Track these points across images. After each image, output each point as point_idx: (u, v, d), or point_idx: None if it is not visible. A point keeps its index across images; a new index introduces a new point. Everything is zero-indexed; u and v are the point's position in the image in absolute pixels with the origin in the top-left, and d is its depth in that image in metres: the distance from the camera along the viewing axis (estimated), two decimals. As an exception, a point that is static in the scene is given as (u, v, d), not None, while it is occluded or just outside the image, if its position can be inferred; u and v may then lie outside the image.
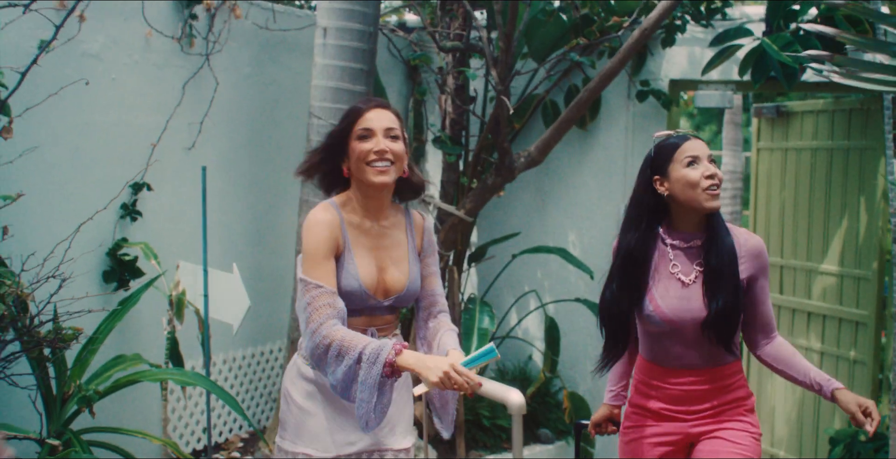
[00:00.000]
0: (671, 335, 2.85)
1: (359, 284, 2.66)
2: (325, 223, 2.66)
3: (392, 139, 2.67)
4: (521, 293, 5.88)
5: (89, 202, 4.08)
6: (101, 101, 4.14)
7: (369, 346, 2.47)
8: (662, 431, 2.94)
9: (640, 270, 2.87)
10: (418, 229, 2.87)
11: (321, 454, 2.72)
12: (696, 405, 2.89)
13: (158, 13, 4.43)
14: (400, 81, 6.12)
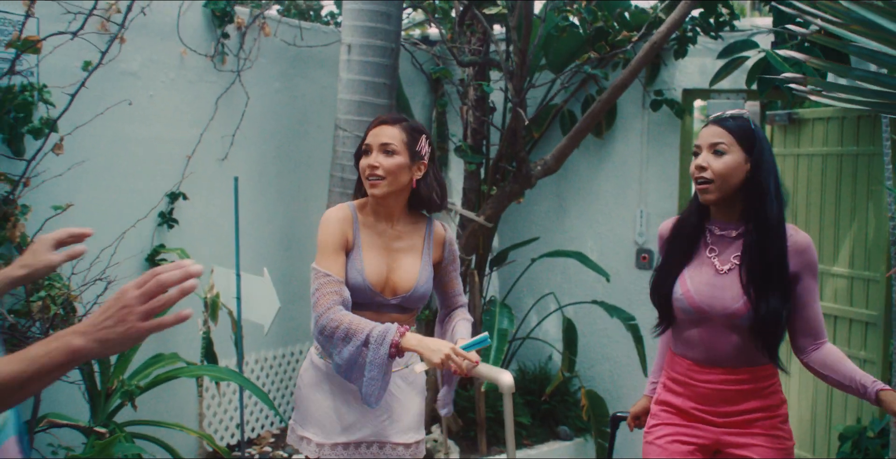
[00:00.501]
0: (699, 324, 2.78)
1: (363, 279, 2.84)
2: (336, 219, 2.88)
3: (386, 154, 2.85)
4: (540, 295, 6.08)
5: (130, 211, 4.35)
6: (140, 116, 4.40)
7: (376, 329, 2.66)
8: (690, 432, 2.85)
9: (680, 251, 2.84)
10: (438, 238, 3.03)
11: (322, 439, 2.92)
12: (725, 406, 2.79)
13: (192, 33, 4.68)
14: (423, 92, 6.35)
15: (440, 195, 3.01)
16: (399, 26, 4.92)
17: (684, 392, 2.84)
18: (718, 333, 2.73)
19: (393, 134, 2.90)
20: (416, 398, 3.06)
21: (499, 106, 6.01)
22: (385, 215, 2.96)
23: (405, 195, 2.96)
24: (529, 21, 4.80)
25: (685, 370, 2.83)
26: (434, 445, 5.28)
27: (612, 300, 5.67)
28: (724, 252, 2.77)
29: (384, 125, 2.93)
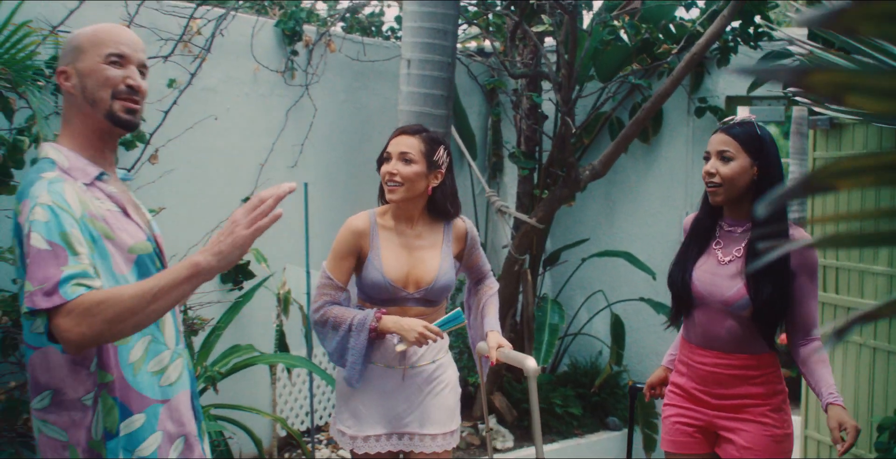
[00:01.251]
0: (703, 309, 3.01)
1: (382, 276, 3.08)
2: (351, 230, 3.14)
3: (404, 163, 3.07)
4: (590, 293, 6.40)
5: (212, 214, 4.75)
6: (218, 128, 4.81)
7: (356, 317, 3.00)
8: (690, 414, 3.11)
9: (695, 245, 3.08)
10: (458, 233, 3.26)
11: (355, 432, 3.16)
12: (719, 389, 3.01)
13: (264, 51, 5.09)
14: (479, 102, 6.70)
15: (453, 204, 3.22)
16: (455, 42, 5.28)
17: (687, 373, 3.10)
18: (715, 318, 2.98)
19: (412, 144, 3.10)
20: (445, 391, 3.24)
21: (550, 114, 6.33)
22: (404, 218, 3.18)
23: (422, 201, 3.17)
24: (575, 36, 5.12)
25: (687, 352, 3.10)
26: (490, 433, 5.62)
27: (659, 298, 5.96)
28: (729, 246, 3.01)
29: (404, 135, 3.14)
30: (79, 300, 1.86)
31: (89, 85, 2.13)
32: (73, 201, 2.01)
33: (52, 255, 1.89)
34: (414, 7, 5.06)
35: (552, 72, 5.52)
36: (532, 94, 5.80)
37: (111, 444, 2.05)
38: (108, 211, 2.11)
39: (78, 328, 1.86)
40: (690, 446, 3.12)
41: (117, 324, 1.87)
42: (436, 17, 5.09)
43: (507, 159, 6.53)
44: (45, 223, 1.93)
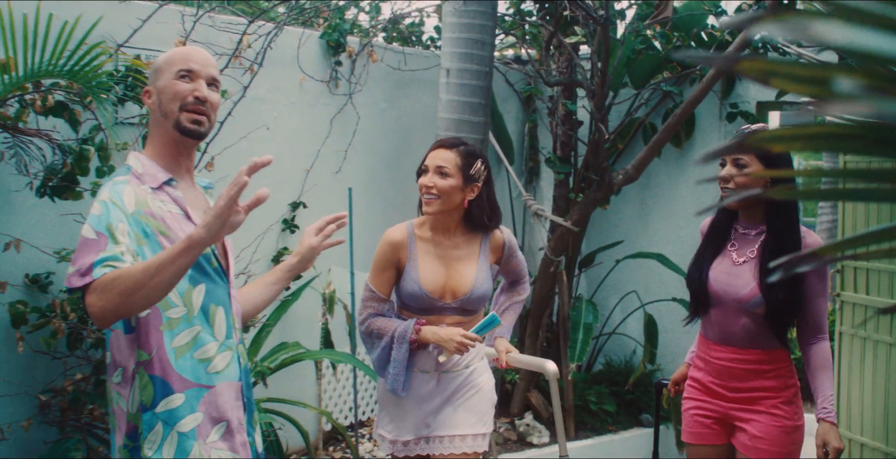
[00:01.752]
0: (720, 307, 3.17)
1: (419, 287, 3.17)
2: (389, 244, 3.22)
3: (441, 176, 3.13)
4: (624, 294, 6.58)
5: (261, 218, 5.00)
6: (267, 136, 5.05)
7: (398, 329, 3.13)
8: (708, 406, 3.28)
9: (712, 246, 3.25)
10: (495, 244, 3.33)
11: (395, 436, 3.29)
12: (735, 382, 3.18)
13: (310, 62, 5.33)
14: (516, 108, 6.90)
15: (490, 217, 3.26)
16: (492, 52, 5.49)
17: (704, 368, 3.28)
18: (731, 315, 3.15)
19: (448, 158, 3.16)
20: (476, 396, 3.32)
21: (585, 120, 6.52)
22: (442, 229, 3.25)
23: (458, 214, 3.23)
24: (608, 47, 5.31)
25: (705, 348, 3.28)
26: (526, 429, 5.82)
27: (691, 298, 6.12)
28: (743, 247, 3.19)
29: (441, 149, 3.20)
30: (102, 278, 2.08)
31: (163, 100, 2.37)
32: (128, 200, 2.24)
33: (95, 243, 2.12)
34: (453, 19, 5.27)
35: (586, 80, 5.71)
36: (567, 101, 6.00)
37: (146, 416, 2.27)
38: (169, 212, 2.33)
39: (99, 302, 2.06)
40: (709, 437, 3.29)
41: (128, 297, 2.06)
42: (474, 29, 5.30)
43: (544, 164, 6.72)
44: (97, 216, 2.17)
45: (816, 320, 3.12)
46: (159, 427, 2.28)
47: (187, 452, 2.30)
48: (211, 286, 2.41)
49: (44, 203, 3.95)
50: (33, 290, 3.95)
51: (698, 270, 3.24)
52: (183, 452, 2.29)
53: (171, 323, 2.30)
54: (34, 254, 3.95)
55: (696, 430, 3.33)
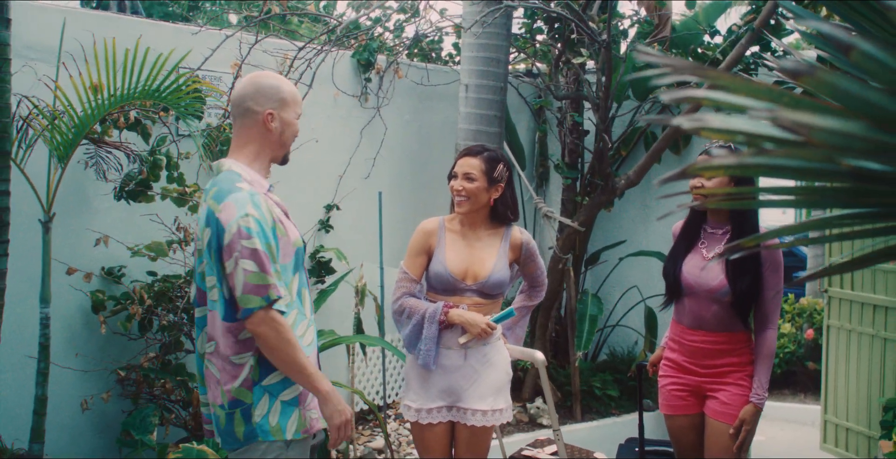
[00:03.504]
0: (692, 297, 3.62)
1: (444, 269, 3.62)
2: (423, 231, 3.72)
3: (468, 180, 3.61)
4: (626, 288, 7.14)
5: (301, 219, 5.58)
6: (306, 146, 5.58)
7: (429, 309, 3.58)
8: (682, 381, 3.72)
9: (683, 244, 3.71)
10: (514, 242, 3.75)
11: (418, 405, 3.69)
12: (707, 360, 3.62)
13: (343, 78, 5.91)
14: (527, 118, 7.48)
15: (513, 212, 3.74)
16: (506, 69, 6.07)
17: (679, 349, 3.75)
18: (702, 304, 3.62)
19: (474, 164, 3.62)
20: (495, 372, 3.70)
21: (590, 130, 7.07)
22: (469, 224, 3.72)
23: (485, 211, 3.69)
24: (610, 65, 5.89)
25: (679, 332, 3.75)
26: (537, 411, 6.38)
27: (688, 293, 6.66)
28: (712, 245, 3.67)
29: (468, 156, 3.67)
30: (282, 320, 2.66)
31: (287, 133, 2.91)
32: (266, 213, 2.73)
33: (265, 257, 2.64)
34: (471, 39, 5.86)
35: (592, 94, 6.29)
36: (574, 114, 6.58)
37: (256, 389, 2.79)
38: (280, 214, 2.85)
39: (262, 328, 2.64)
40: (684, 408, 3.76)
41: (272, 351, 2.68)
42: (490, 48, 5.89)
43: (553, 170, 7.28)
44: (258, 232, 2.66)
45: (768, 310, 3.57)
46: (266, 398, 2.78)
47: (289, 416, 2.80)
48: (302, 274, 2.92)
49: (117, 206, 4.53)
50: (108, 281, 4.54)
51: (673, 264, 3.73)
52: (286, 416, 2.79)
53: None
54: (109, 250, 4.53)
55: (672, 402, 3.79)
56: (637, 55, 1.37)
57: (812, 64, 1.04)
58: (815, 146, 1.08)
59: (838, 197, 1.51)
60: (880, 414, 6.34)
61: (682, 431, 3.81)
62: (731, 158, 1.16)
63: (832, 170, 1.20)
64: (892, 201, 1.38)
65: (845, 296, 6.69)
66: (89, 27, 4.38)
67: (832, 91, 1.06)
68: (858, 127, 1.11)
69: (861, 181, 1.27)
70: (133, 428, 4.05)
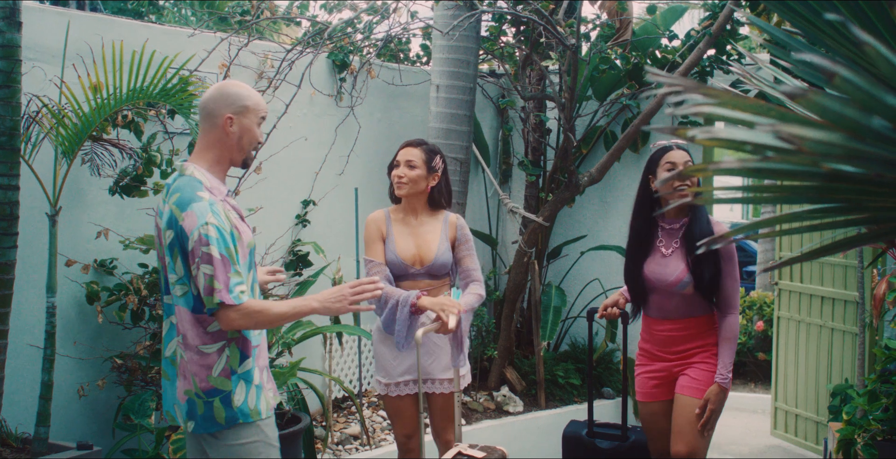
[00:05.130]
0: (656, 292, 3.87)
1: (395, 256, 4.05)
2: (372, 221, 4.15)
3: (409, 168, 4.04)
4: (588, 281, 7.43)
5: (280, 213, 5.80)
6: (283, 143, 5.81)
7: (402, 295, 3.92)
8: (655, 368, 3.97)
9: (643, 245, 3.92)
10: (451, 224, 4.17)
11: (387, 379, 4.15)
12: (675, 347, 3.88)
13: (318, 78, 6.12)
14: (491, 117, 7.74)
15: (447, 199, 4.21)
16: (476, 70, 6.33)
17: (649, 339, 4.00)
18: (664, 297, 3.87)
19: (415, 153, 4.08)
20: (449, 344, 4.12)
21: (553, 128, 7.35)
22: (410, 211, 4.15)
23: (423, 197, 4.13)
24: (576, 68, 6.17)
25: (648, 323, 4.00)
26: (503, 399, 6.65)
27: (647, 285, 6.96)
28: (668, 240, 3.89)
29: (409, 147, 4.13)
30: (245, 304, 2.92)
31: (245, 138, 3.10)
32: (225, 220, 2.97)
33: (222, 263, 2.89)
34: (442, 41, 6.11)
35: (556, 94, 6.57)
36: (540, 114, 6.85)
37: (233, 378, 3.03)
38: (236, 218, 3.09)
39: (239, 321, 2.92)
40: (657, 395, 4.00)
41: (259, 326, 3.00)
42: (460, 50, 6.14)
43: (517, 167, 7.55)
44: (216, 239, 2.90)
45: (727, 296, 3.83)
46: (242, 385, 3.04)
47: (259, 398, 3.07)
48: (254, 271, 3.18)
49: (110, 200, 4.72)
50: (101, 272, 4.72)
51: (634, 266, 3.97)
52: (258, 399, 3.07)
53: None
54: (101, 242, 4.71)
55: (646, 390, 4.02)
56: (649, 76, 1.62)
57: (805, 88, 1.31)
58: (804, 153, 1.34)
59: (809, 194, 1.78)
60: (828, 400, 6.65)
61: (654, 417, 4.04)
62: (735, 162, 1.42)
63: (814, 172, 1.47)
64: (857, 197, 1.66)
65: (794, 288, 7.00)
66: (86, 28, 4.58)
67: (819, 108, 1.33)
68: (838, 137, 1.37)
69: (834, 181, 1.54)
70: (132, 412, 4.25)
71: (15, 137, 3.84)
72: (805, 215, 1.80)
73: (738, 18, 6.41)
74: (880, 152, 1.38)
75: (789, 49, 2.51)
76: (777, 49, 3.18)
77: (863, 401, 4.64)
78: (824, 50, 2.39)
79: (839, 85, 1.33)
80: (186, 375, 3.04)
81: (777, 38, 2.64)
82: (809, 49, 2.45)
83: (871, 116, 1.36)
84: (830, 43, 2.22)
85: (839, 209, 1.78)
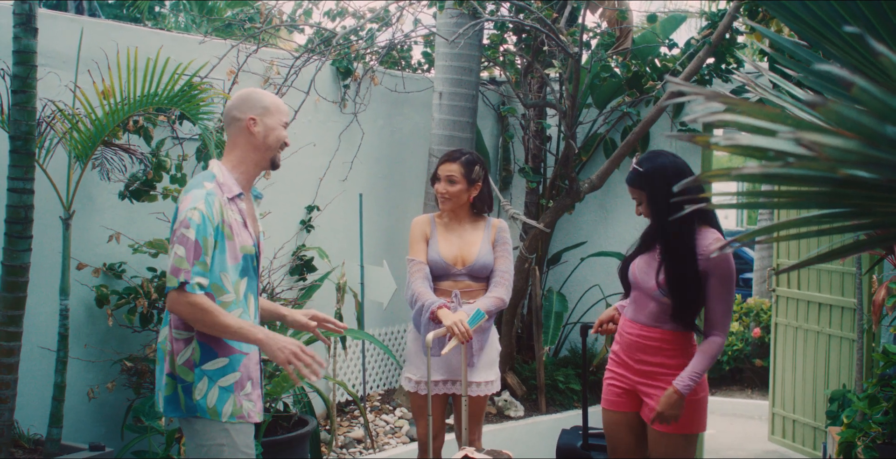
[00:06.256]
0: (635, 291, 3.82)
1: (438, 255, 4.26)
2: (417, 223, 4.40)
3: (450, 183, 4.25)
4: (587, 287, 7.50)
5: (284, 218, 5.85)
6: (289, 150, 5.84)
7: (427, 301, 4.10)
8: (618, 378, 3.85)
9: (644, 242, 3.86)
10: (493, 228, 4.37)
11: (418, 377, 4.31)
12: (639, 354, 3.74)
13: (323, 86, 6.18)
14: (492, 124, 7.80)
15: (489, 205, 4.45)
16: (478, 78, 6.41)
17: (620, 341, 3.88)
18: (643, 299, 3.78)
19: (454, 168, 4.26)
20: (489, 348, 4.35)
21: (553, 135, 7.43)
22: (454, 218, 4.38)
23: (466, 207, 4.35)
24: (578, 74, 6.24)
25: (622, 324, 3.91)
26: (505, 404, 6.70)
27: (646, 291, 7.03)
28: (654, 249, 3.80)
29: (448, 162, 4.30)
30: (198, 298, 3.00)
31: (271, 137, 3.23)
32: (216, 212, 3.07)
33: (195, 247, 2.99)
34: (445, 49, 6.19)
35: (558, 101, 6.64)
36: (541, 121, 6.93)
37: (196, 370, 3.12)
38: (235, 220, 3.17)
39: (180, 308, 3.00)
40: (619, 404, 3.87)
41: (196, 323, 3.04)
42: (462, 58, 6.22)
43: (517, 174, 7.62)
44: (197, 225, 3.01)
45: (713, 318, 3.66)
46: (205, 381, 3.12)
47: (224, 401, 3.14)
48: (251, 281, 3.27)
49: (119, 205, 4.77)
50: (109, 276, 4.77)
51: (626, 263, 3.95)
52: (222, 401, 3.13)
53: (223, 305, 3.13)
54: (110, 246, 4.77)
55: (609, 398, 3.92)
56: (671, 86, 1.70)
57: (825, 97, 1.37)
58: (823, 159, 1.41)
59: (820, 198, 1.85)
60: (825, 406, 6.71)
61: (615, 427, 3.93)
62: (757, 167, 1.49)
63: (829, 177, 1.54)
64: (865, 202, 1.73)
65: (792, 295, 7.08)
66: (98, 35, 4.64)
67: (837, 116, 1.39)
68: (854, 144, 1.44)
69: (845, 187, 1.61)
70: (142, 414, 4.30)
71: (30, 142, 3.90)
72: (814, 219, 1.86)
73: (737, 27, 6.50)
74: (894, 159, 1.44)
75: (797, 59, 2.58)
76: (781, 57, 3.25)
77: (863, 405, 4.70)
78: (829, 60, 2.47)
79: (856, 94, 1.40)
80: (166, 356, 3.18)
81: (783, 46, 2.71)
82: (817, 59, 2.52)
83: (885, 123, 1.42)
84: (837, 53, 2.29)
85: (847, 214, 1.85)
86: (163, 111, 4.64)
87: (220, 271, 3.11)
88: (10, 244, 3.95)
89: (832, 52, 2.25)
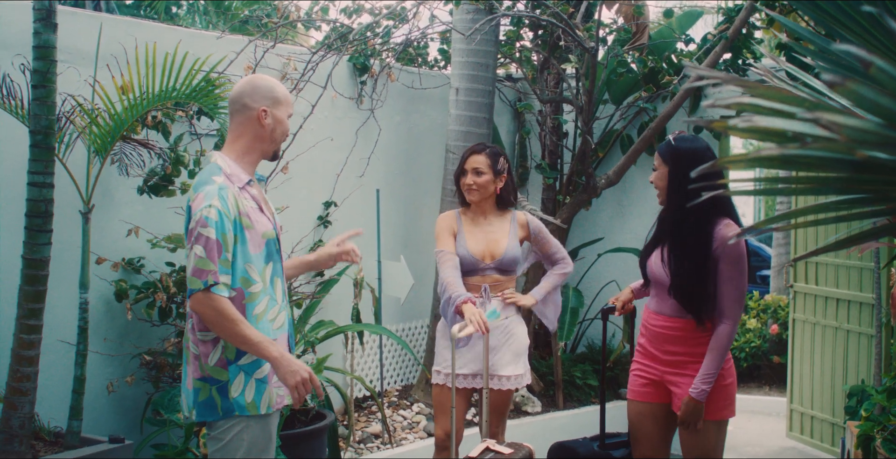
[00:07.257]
0: (654, 284, 3.84)
1: (467, 251, 4.27)
2: (443, 218, 4.40)
3: (477, 175, 4.28)
4: (604, 283, 7.49)
5: (301, 213, 5.87)
6: (306, 145, 5.89)
7: (454, 294, 4.08)
8: (645, 368, 3.85)
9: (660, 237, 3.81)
10: (520, 222, 4.42)
11: (445, 370, 4.34)
12: (666, 345, 3.74)
13: (340, 82, 6.20)
14: (508, 120, 7.81)
15: (515, 197, 4.47)
16: (494, 73, 6.41)
17: (646, 334, 3.89)
18: (662, 291, 3.77)
19: (480, 160, 4.30)
20: (515, 342, 4.35)
21: (570, 131, 7.43)
22: (480, 213, 4.40)
23: (492, 199, 4.37)
24: (595, 71, 6.24)
25: (647, 316, 3.90)
26: (522, 400, 6.71)
27: (663, 287, 7.02)
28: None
29: (474, 154, 4.34)
30: (223, 302, 2.95)
31: (277, 130, 3.21)
32: (231, 206, 3.03)
33: (216, 246, 2.95)
34: (462, 45, 6.19)
35: (574, 97, 6.64)
36: (558, 117, 6.92)
37: (231, 368, 3.09)
38: (251, 208, 3.14)
39: (205, 310, 2.95)
40: (646, 395, 3.86)
41: (216, 327, 2.98)
42: (479, 54, 6.22)
43: (534, 170, 7.62)
44: (216, 222, 2.97)
45: (722, 303, 3.63)
46: (241, 377, 3.09)
47: (262, 393, 3.12)
48: (276, 264, 3.24)
49: (138, 200, 4.80)
50: (128, 271, 4.80)
51: (645, 254, 3.94)
52: (259, 393, 3.12)
53: (252, 296, 3.10)
54: (129, 241, 4.80)
55: (635, 388, 3.91)
56: (687, 70, 1.70)
57: (844, 75, 1.37)
58: (842, 140, 1.41)
59: (838, 185, 1.85)
60: (844, 402, 6.68)
61: (640, 418, 3.91)
62: (774, 150, 1.49)
63: (846, 160, 1.54)
64: (883, 187, 1.73)
65: (810, 291, 7.05)
66: (118, 31, 4.68)
67: (856, 96, 1.39)
68: (873, 124, 1.44)
69: (863, 171, 1.61)
70: (161, 407, 4.33)
71: (50, 136, 3.93)
72: (832, 205, 1.86)
73: (753, 22, 6.48)
74: (912, 140, 1.44)
75: (817, 45, 2.57)
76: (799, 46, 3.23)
77: (882, 398, 4.69)
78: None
79: (874, 74, 1.40)
80: (193, 361, 3.13)
81: (800, 34, 2.71)
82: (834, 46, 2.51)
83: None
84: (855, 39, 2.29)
85: (865, 200, 1.84)
86: (181, 106, 4.66)
87: (244, 263, 3.07)
88: (30, 238, 3.98)
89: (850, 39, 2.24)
